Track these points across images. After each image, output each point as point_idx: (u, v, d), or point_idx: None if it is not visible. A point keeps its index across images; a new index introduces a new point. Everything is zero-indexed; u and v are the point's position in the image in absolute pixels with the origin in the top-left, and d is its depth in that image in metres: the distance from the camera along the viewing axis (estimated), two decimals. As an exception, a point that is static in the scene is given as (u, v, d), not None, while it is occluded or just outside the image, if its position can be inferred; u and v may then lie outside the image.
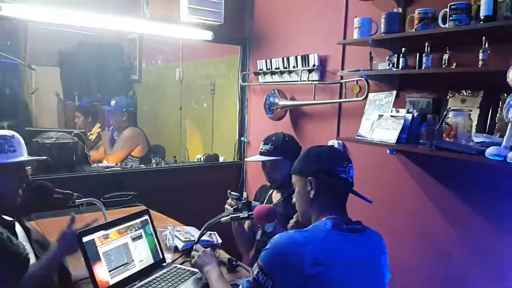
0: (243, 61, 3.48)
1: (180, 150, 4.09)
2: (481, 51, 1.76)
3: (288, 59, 2.96)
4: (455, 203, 2.05)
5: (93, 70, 4.38)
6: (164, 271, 1.67)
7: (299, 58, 2.86)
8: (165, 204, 2.55)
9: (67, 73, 4.25)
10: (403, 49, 2.09)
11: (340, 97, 2.63)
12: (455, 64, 1.92)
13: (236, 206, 1.72)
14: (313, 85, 2.76)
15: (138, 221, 1.71)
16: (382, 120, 2.15)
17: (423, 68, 1.99)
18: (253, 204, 1.67)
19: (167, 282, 1.58)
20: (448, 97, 2.02)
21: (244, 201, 1.69)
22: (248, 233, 2.13)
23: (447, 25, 1.86)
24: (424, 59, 1.97)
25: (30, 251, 1.49)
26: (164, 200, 2.61)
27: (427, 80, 2.16)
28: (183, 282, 1.59)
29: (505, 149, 1.61)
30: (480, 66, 1.77)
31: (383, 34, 2.14)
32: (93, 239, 1.49)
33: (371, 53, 2.31)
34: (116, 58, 4.60)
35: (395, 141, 2.02)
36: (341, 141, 2.62)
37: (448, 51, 1.92)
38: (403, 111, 2.11)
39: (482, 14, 1.72)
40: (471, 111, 1.88)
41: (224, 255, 1.91)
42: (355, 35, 2.26)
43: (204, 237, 1.88)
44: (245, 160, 3.51)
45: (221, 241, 2.03)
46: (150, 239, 1.72)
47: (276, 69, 3.06)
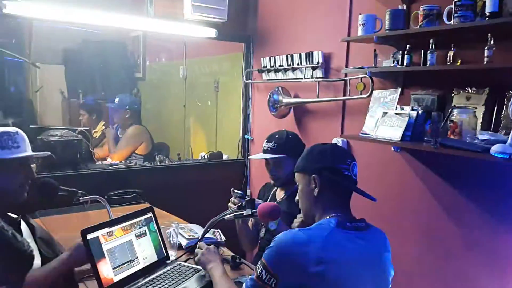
0: (247, 58, 3.47)
1: (184, 148, 4.09)
2: (486, 48, 1.75)
3: (292, 56, 2.95)
4: (460, 201, 2.05)
5: (97, 68, 4.39)
6: (168, 268, 1.67)
7: (303, 56, 2.85)
8: (169, 201, 2.56)
9: (71, 71, 4.26)
10: (408, 46, 2.08)
11: (344, 95, 2.62)
12: (460, 61, 1.91)
13: (240, 204, 1.72)
14: (317, 82, 2.75)
15: (142, 218, 1.71)
16: (386, 118, 2.14)
17: (427, 65, 1.98)
18: (257, 202, 1.67)
19: (170, 279, 1.58)
20: (453, 94, 2.01)
21: (248, 199, 1.69)
22: (252, 231, 2.13)
23: (452, 21, 1.84)
24: (429, 56, 1.96)
25: (34, 248, 1.49)
26: (168, 197, 2.61)
27: (431, 77, 2.15)
28: (186, 279, 1.60)
29: (510, 147, 1.60)
30: (485, 63, 1.76)
31: (387, 31, 2.13)
32: (97, 237, 1.49)
33: (375, 50, 2.29)
34: (120, 56, 4.60)
35: (399, 139, 2.01)
36: (345, 139, 2.61)
37: (453, 48, 1.91)
38: (407, 109, 2.10)
39: (488, 10, 1.70)
40: (476, 108, 1.87)
41: (227, 252, 1.91)
42: (360, 32, 2.25)
43: (208, 235, 1.88)
44: (248, 158, 3.51)
45: (224, 238, 2.03)
46: (154, 237, 1.73)
47: (280, 66, 3.05)
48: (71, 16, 2.56)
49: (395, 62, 2.17)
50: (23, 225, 1.55)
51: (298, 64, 2.90)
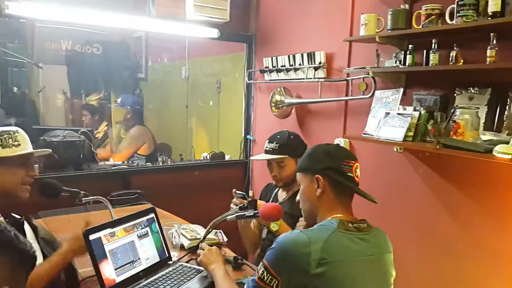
0: (249, 58, 3.47)
1: (186, 148, 4.10)
2: (489, 47, 1.74)
3: (294, 56, 2.94)
4: (462, 201, 2.04)
5: (100, 68, 4.39)
6: (170, 269, 1.67)
7: (305, 56, 2.85)
8: (171, 202, 2.56)
9: (73, 71, 4.27)
10: (410, 46, 2.07)
11: (347, 95, 2.62)
12: (462, 61, 1.90)
13: (242, 204, 1.72)
14: (319, 82, 2.74)
15: (145, 219, 1.71)
16: (388, 118, 2.14)
17: (430, 65, 1.97)
18: (259, 203, 1.67)
19: (173, 280, 1.58)
20: (455, 94, 2.00)
21: (249, 199, 1.69)
22: (254, 231, 2.12)
23: (454, 21, 1.84)
24: (431, 56, 1.96)
25: (37, 249, 1.50)
26: (170, 198, 2.62)
27: (434, 77, 2.14)
28: (188, 280, 1.60)
29: (513, 147, 1.59)
30: (488, 63, 1.75)
31: (389, 31, 2.12)
32: (99, 237, 1.49)
33: (377, 50, 2.29)
34: (123, 56, 4.61)
35: (401, 139, 2.00)
36: (347, 139, 2.60)
37: (455, 48, 1.90)
38: (410, 109, 2.09)
39: (490, 10, 1.70)
40: (478, 108, 1.86)
41: (229, 253, 1.91)
42: (362, 32, 2.24)
43: (210, 235, 1.88)
44: (250, 158, 3.50)
45: (226, 239, 2.03)
46: (156, 237, 1.73)
47: (282, 66, 3.05)
48: (73, 16, 2.57)
49: (397, 62, 2.16)
50: (26, 225, 1.56)
51: (300, 64, 2.90)
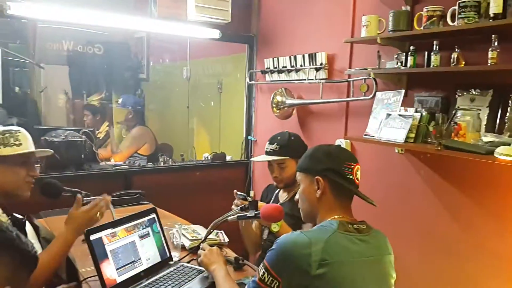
0: (250, 59, 3.48)
1: (187, 149, 4.10)
2: (490, 49, 1.74)
3: (295, 57, 2.94)
4: (463, 203, 2.04)
5: (101, 68, 4.40)
6: (171, 269, 1.67)
7: (306, 57, 2.85)
8: (172, 202, 2.56)
9: (75, 72, 4.28)
10: (411, 47, 2.07)
11: (348, 96, 2.62)
12: (464, 63, 1.90)
13: (243, 205, 1.72)
14: (321, 83, 2.74)
15: (146, 219, 1.71)
16: (390, 119, 2.14)
17: (431, 66, 1.97)
18: (260, 204, 1.67)
19: (173, 280, 1.58)
20: (456, 96, 2.00)
21: (250, 200, 1.69)
22: (256, 232, 2.12)
23: (456, 23, 1.84)
24: (433, 57, 1.96)
25: (39, 249, 1.50)
26: (171, 198, 2.62)
27: (435, 78, 2.14)
28: (190, 280, 1.60)
29: (514, 149, 1.59)
30: (489, 64, 1.75)
31: (391, 32, 2.12)
32: (100, 237, 1.49)
33: (379, 52, 2.29)
34: (124, 56, 4.62)
35: (403, 140, 2.00)
36: (348, 140, 2.60)
37: (457, 49, 1.90)
38: (411, 110, 2.09)
39: (492, 11, 1.70)
40: (480, 110, 1.86)
41: (231, 254, 1.91)
42: (363, 33, 2.24)
43: (211, 236, 1.88)
44: (251, 160, 3.50)
45: (228, 240, 2.03)
46: (157, 237, 1.73)
47: (283, 67, 3.05)
48: (75, 17, 2.58)
49: (398, 63, 2.17)
50: (28, 225, 1.56)
51: (301, 65, 2.90)
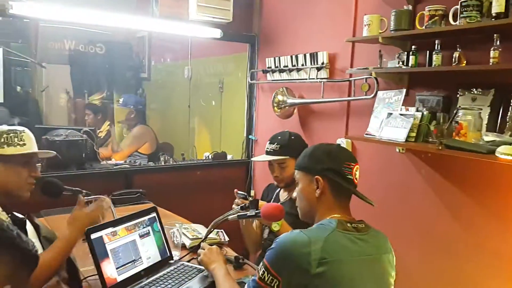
0: (252, 59, 3.48)
1: (188, 148, 4.10)
2: (492, 48, 1.74)
3: (296, 57, 2.94)
4: (464, 202, 2.03)
5: (103, 68, 4.41)
6: (171, 268, 1.67)
7: (307, 56, 2.85)
8: (173, 201, 2.56)
9: (77, 71, 4.29)
10: (413, 46, 2.07)
11: (349, 95, 2.61)
12: (465, 62, 1.89)
13: (243, 204, 1.72)
14: (322, 83, 2.74)
15: (146, 218, 1.71)
16: (391, 119, 2.13)
17: (433, 65, 1.96)
18: (260, 203, 1.67)
19: (174, 279, 1.58)
20: (458, 95, 1.99)
21: (251, 199, 1.69)
22: (256, 231, 2.12)
23: (457, 22, 1.83)
24: (434, 56, 1.95)
25: (39, 248, 1.50)
26: (172, 197, 2.62)
27: (437, 78, 2.14)
28: (190, 279, 1.59)
29: (516, 148, 1.59)
30: (491, 64, 1.74)
31: (392, 32, 2.12)
32: (101, 236, 1.49)
33: (380, 51, 2.28)
34: (126, 56, 4.63)
35: (404, 140, 2.00)
36: (349, 139, 2.60)
37: (458, 49, 1.90)
38: (412, 109, 2.09)
39: (494, 11, 1.69)
40: (481, 109, 1.86)
41: (231, 253, 1.91)
42: (365, 33, 2.24)
43: (212, 235, 1.88)
44: (251, 159, 3.50)
45: (228, 239, 2.03)
46: (158, 237, 1.73)
47: (284, 67, 3.05)
48: (77, 16, 2.58)
49: (400, 62, 2.16)
50: (28, 225, 1.56)
51: (302, 65, 2.90)
